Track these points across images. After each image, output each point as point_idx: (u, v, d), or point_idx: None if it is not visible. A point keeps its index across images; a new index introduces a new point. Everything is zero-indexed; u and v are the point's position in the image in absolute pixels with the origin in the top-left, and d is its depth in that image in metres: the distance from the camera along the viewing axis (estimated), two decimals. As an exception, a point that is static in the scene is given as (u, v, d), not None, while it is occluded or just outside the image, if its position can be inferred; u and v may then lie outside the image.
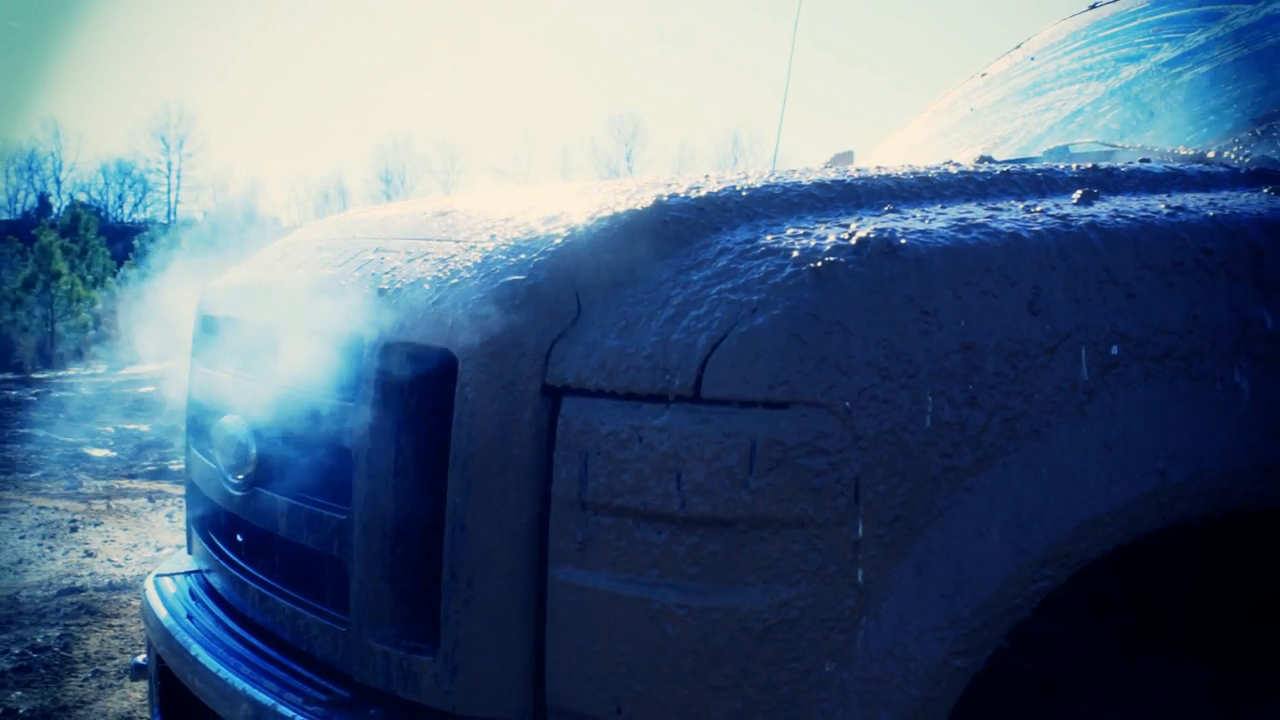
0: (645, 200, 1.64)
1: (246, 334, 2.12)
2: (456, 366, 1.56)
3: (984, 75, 3.57)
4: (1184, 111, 2.59)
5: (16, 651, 5.01)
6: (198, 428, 2.39)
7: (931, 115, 3.57)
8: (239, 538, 2.20)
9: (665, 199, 1.64)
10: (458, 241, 1.76)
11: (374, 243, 1.96)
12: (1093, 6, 3.49)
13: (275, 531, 1.95)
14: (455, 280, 1.64)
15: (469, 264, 1.66)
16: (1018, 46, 3.62)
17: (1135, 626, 1.93)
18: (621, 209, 1.64)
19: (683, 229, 1.59)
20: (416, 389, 1.65)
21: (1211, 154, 2.27)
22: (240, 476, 2.03)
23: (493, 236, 1.71)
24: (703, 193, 1.66)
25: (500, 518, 1.52)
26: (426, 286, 1.67)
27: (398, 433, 1.65)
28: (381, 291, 1.73)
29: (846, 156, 3.55)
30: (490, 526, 1.52)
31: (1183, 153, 2.29)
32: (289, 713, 1.69)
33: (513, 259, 1.62)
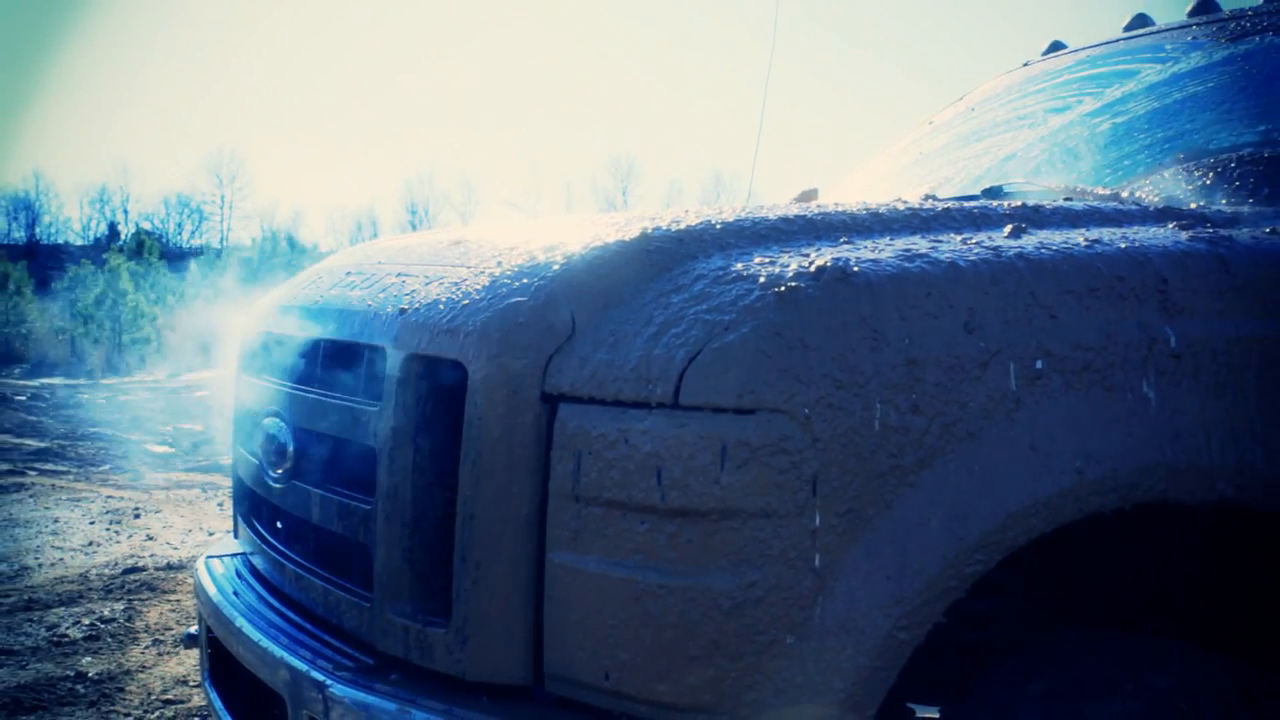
0: (632, 232, 1.65)
1: (286, 346, 2.12)
2: (467, 376, 1.56)
3: (931, 123, 3.58)
4: (1103, 156, 2.60)
5: (86, 622, 4.99)
6: (243, 428, 2.38)
7: (885, 158, 3.58)
8: (278, 524, 2.20)
9: (650, 231, 1.64)
10: (469, 267, 1.76)
11: (397, 268, 1.96)
12: (1025, 64, 3.51)
13: (309, 519, 1.95)
14: (466, 301, 1.64)
15: (479, 287, 1.66)
16: (961, 98, 3.63)
17: (1059, 603, 1.93)
18: (611, 240, 1.64)
19: (664, 258, 1.59)
20: (432, 396, 1.65)
21: (1125, 194, 2.28)
22: (279, 471, 2.03)
23: (499, 263, 1.71)
24: (682, 226, 1.67)
25: (505, 508, 1.52)
26: (441, 306, 1.67)
27: (416, 434, 1.65)
28: (403, 311, 1.73)
29: (811, 194, 3.55)
30: (496, 516, 1.52)
31: (1100, 193, 2.30)
32: (320, 677, 1.69)
33: (516, 283, 1.62)
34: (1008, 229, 1.75)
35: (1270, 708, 1.58)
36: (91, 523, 7.25)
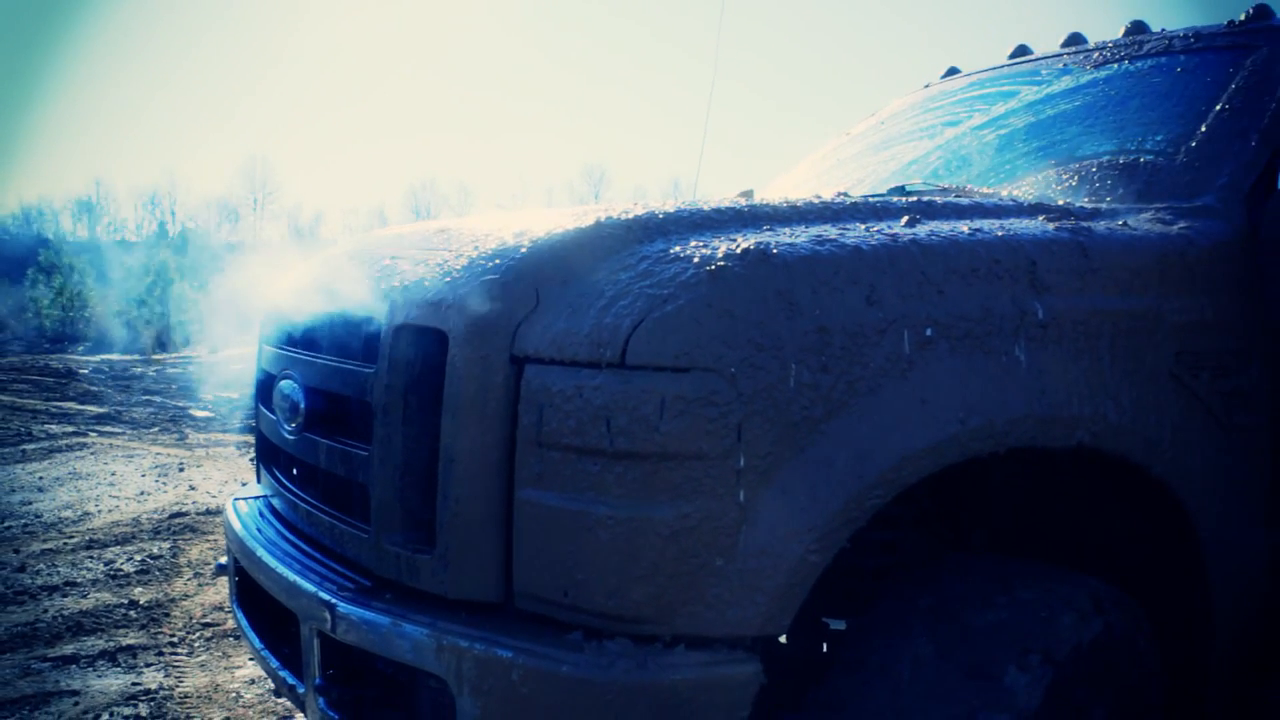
0: (588, 221, 1.63)
1: (299, 320, 2.09)
2: (448, 342, 1.55)
3: (848, 134, 3.57)
4: (988, 162, 2.61)
5: (138, 559, 4.95)
6: (264, 389, 2.36)
7: (809, 163, 3.57)
8: (293, 470, 2.18)
9: (603, 220, 1.63)
10: (451, 251, 1.74)
11: (390, 252, 1.94)
12: (926, 85, 3.51)
13: (318, 464, 1.93)
14: (448, 279, 1.63)
15: (459, 267, 1.64)
16: (873, 114, 3.63)
17: (946, 532, 1.95)
18: (571, 227, 1.63)
19: (614, 242, 1.58)
20: (419, 359, 1.64)
21: (1005, 192, 2.29)
22: (293, 424, 2.00)
23: (476, 247, 1.69)
24: (630, 215, 1.66)
25: (479, 453, 1.51)
26: (427, 284, 1.66)
27: (405, 391, 1.63)
28: (394, 288, 1.71)
29: (748, 193, 3.54)
30: (472, 460, 1.51)
31: (984, 191, 2.31)
32: (328, 597, 1.69)
33: (490, 263, 1.60)
34: (904, 219, 1.75)
35: (1114, 614, 1.61)
36: (143, 475, 7.16)
